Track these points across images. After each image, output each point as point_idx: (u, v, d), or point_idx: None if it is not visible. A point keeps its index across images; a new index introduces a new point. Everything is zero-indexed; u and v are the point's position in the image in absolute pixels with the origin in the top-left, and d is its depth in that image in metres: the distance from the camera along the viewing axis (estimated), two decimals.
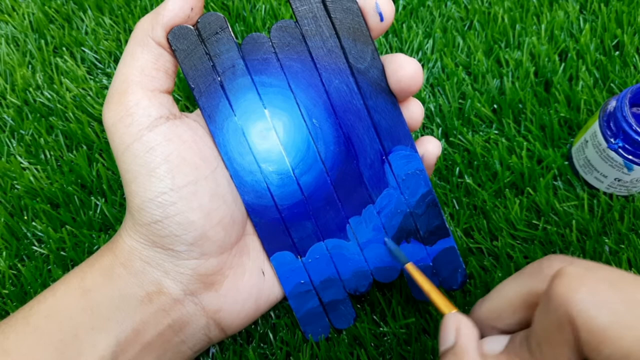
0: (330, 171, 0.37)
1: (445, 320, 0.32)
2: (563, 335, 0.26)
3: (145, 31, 0.34)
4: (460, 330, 0.31)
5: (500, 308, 0.32)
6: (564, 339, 0.26)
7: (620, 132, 0.41)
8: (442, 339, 0.32)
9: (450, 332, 0.32)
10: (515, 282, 0.32)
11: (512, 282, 0.32)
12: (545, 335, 0.27)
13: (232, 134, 0.36)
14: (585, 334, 0.25)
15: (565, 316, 0.26)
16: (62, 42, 0.55)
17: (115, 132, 0.34)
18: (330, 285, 0.39)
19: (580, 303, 0.26)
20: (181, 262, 0.35)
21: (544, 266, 0.31)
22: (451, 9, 0.55)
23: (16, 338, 0.33)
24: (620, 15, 0.53)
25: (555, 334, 0.27)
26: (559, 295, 0.26)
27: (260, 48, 0.35)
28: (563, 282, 0.27)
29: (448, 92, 0.50)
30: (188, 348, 0.37)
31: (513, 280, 0.32)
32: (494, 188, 0.46)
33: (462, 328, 0.31)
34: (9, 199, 0.47)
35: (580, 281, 0.26)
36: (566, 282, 0.26)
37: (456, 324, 0.32)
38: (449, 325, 0.32)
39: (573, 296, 0.26)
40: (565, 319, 0.26)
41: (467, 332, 0.31)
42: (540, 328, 0.28)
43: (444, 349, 0.32)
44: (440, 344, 0.32)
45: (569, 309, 0.26)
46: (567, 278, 0.27)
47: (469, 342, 0.31)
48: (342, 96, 0.36)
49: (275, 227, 0.38)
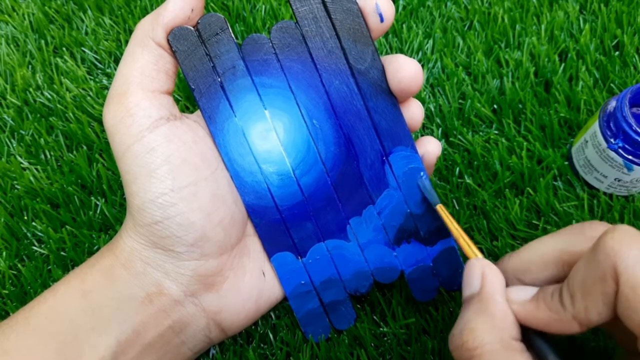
0: (331, 172, 0.37)
1: (469, 265, 0.32)
2: (603, 287, 0.26)
3: (146, 32, 0.34)
4: (486, 275, 0.31)
5: (531, 261, 0.32)
6: (603, 291, 0.26)
7: (620, 132, 0.41)
8: (467, 284, 0.31)
9: (476, 278, 0.31)
10: (552, 239, 0.32)
11: (549, 238, 0.32)
12: (583, 285, 0.27)
13: (233, 135, 0.36)
14: (628, 289, 0.25)
15: (611, 268, 0.26)
16: (62, 42, 0.55)
17: (115, 133, 0.34)
18: (330, 286, 0.39)
19: (630, 258, 0.26)
20: (181, 263, 0.35)
21: (586, 227, 0.31)
22: (451, 9, 0.55)
23: (16, 339, 0.33)
24: (620, 16, 0.53)
25: (595, 285, 0.27)
26: (609, 247, 0.26)
27: (260, 49, 0.35)
28: (615, 235, 0.27)
29: (448, 92, 0.50)
30: (188, 349, 0.37)
31: (550, 237, 0.32)
32: (494, 188, 0.46)
33: (488, 274, 0.31)
34: (9, 199, 0.47)
35: (633, 238, 0.26)
36: (619, 236, 0.26)
37: (482, 269, 0.31)
38: (474, 270, 0.31)
39: (624, 250, 0.26)
40: (610, 271, 0.26)
41: (493, 278, 0.31)
42: (579, 278, 0.28)
43: (469, 294, 0.31)
44: (464, 289, 0.31)
45: (617, 262, 0.26)
46: (621, 233, 0.27)
47: (496, 288, 0.30)
48: (343, 97, 0.36)
49: (275, 228, 0.38)
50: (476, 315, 0.30)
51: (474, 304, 0.30)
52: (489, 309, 0.30)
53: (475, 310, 0.30)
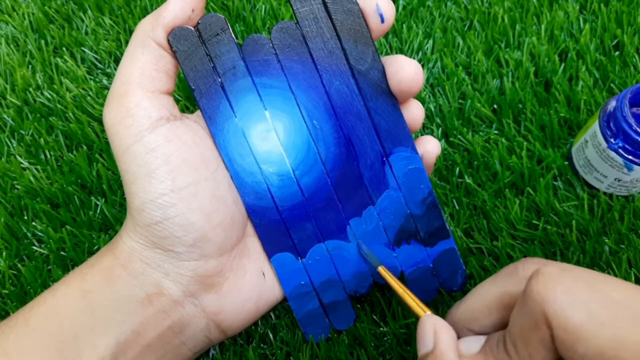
0: (331, 172, 0.37)
1: (422, 324, 0.32)
2: (539, 334, 0.27)
3: (146, 32, 0.34)
4: (438, 333, 0.31)
5: (476, 309, 0.32)
6: (540, 337, 0.27)
7: (620, 132, 0.41)
8: (421, 343, 0.32)
9: (429, 336, 0.31)
10: (491, 284, 0.32)
11: (488, 284, 0.32)
12: (521, 334, 0.28)
13: (233, 135, 0.36)
14: (561, 332, 0.26)
15: (541, 315, 0.26)
16: (62, 42, 0.55)
17: (115, 133, 0.34)
18: (330, 287, 0.39)
19: (556, 302, 0.26)
20: (181, 263, 0.35)
21: (519, 268, 0.31)
22: (451, 9, 0.55)
23: (16, 339, 0.33)
24: (620, 16, 0.53)
25: (531, 333, 0.27)
26: (535, 294, 0.27)
27: (260, 49, 0.35)
28: (539, 281, 0.27)
29: (448, 92, 0.50)
30: (188, 349, 0.37)
31: (489, 282, 0.33)
32: (494, 188, 0.46)
33: (439, 331, 0.31)
34: (9, 199, 0.47)
35: (556, 280, 0.27)
36: (542, 281, 0.27)
37: (434, 327, 0.32)
38: (426, 328, 0.32)
39: (549, 295, 0.26)
40: (541, 317, 0.26)
41: (445, 335, 0.31)
42: (517, 327, 0.28)
43: (423, 353, 0.31)
44: (419, 349, 0.32)
45: (545, 308, 0.26)
46: (543, 277, 0.27)
47: (448, 345, 0.31)
48: (343, 97, 0.36)
49: (275, 229, 0.38)
50: None
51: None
52: None
53: None
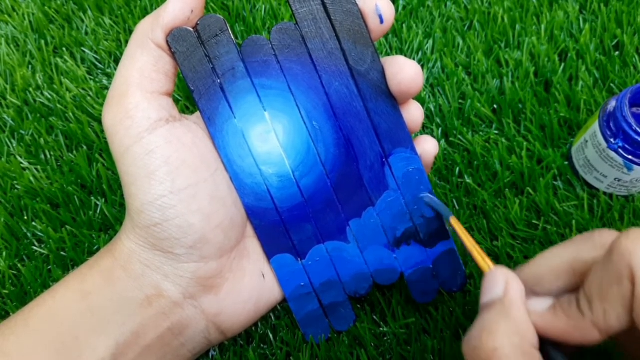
0: (330, 174, 0.37)
1: (493, 272, 0.31)
2: (620, 289, 0.26)
3: (145, 33, 0.34)
4: (510, 282, 0.30)
5: (544, 272, 0.31)
6: (620, 293, 0.26)
7: (620, 132, 0.41)
8: (488, 290, 0.31)
9: (499, 284, 0.30)
10: (562, 249, 0.31)
11: (560, 248, 0.32)
12: (599, 289, 0.27)
13: (232, 137, 0.36)
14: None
15: (627, 269, 0.26)
16: (62, 42, 0.55)
17: (114, 135, 0.33)
18: (330, 288, 0.39)
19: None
20: (181, 265, 0.35)
21: (596, 236, 0.30)
22: (451, 9, 0.55)
23: (16, 340, 0.33)
24: (620, 15, 0.53)
25: (612, 288, 0.26)
26: (624, 247, 0.26)
27: (260, 50, 0.35)
28: (630, 237, 0.26)
29: (448, 92, 0.50)
30: (188, 351, 0.37)
31: (561, 247, 0.32)
32: (494, 188, 0.46)
33: (511, 282, 0.30)
34: (9, 199, 0.47)
35: None
36: (632, 237, 0.26)
37: (506, 277, 0.31)
38: (498, 277, 0.31)
39: (638, 250, 0.26)
40: (626, 271, 0.26)
41: (516, 287, 0.30)
42: (595, 283, 0.27)
43: (489, 299, 0.30)
44: (484, 295, 0.31)
45: (633, 262, 0.26)
46: (635, 234, 0.27)
47: (519, 295, 0.30)
48: (342, 98, 0.36)
49: (275, 230, 0.38)
50: (498, 319, 0.29)
51: (495, 308, 0.30)
52: (512, 315, 0.29)
53: (497, 315, 0.29)
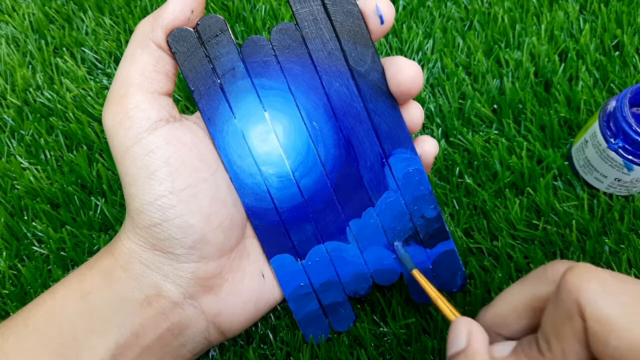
0: (330, 174, 0.37)
1: (456, 324, 0.32)
2: (572, 326, 0.26)
3: (146, 33, 0.34)
4: (472, 333, 0.31)
5: (505, 314, 0.32)
6: (573, 330, 0.26)
7: (620, 132, 0.41)
8: (452, 342, 0.32)
9: (462, 335, 0.31)
10: (519, 287, 0.32)
11: (517, 287, 0.32)
12: (554, 328, 0.28)
13: (232, 137, 0.36)
14: (594, 323, 0.26)
15: (575, 306, 0.26)
16: (63, 42, 0.55)
17: (114, 135, 0.33)
18: (330, 288, 0.39)
19: (591, 292, 0.26)
20: (180, 265, 0.34)
21: (548, 270, 0.31)
22: (451, 9, 0.55)
23: (15, 340, 0.33)
24: (620, 16, 0.53)
25: (565, 326, 0.27)
26: (570, 284, 0.27)
27: (260, 50, 0.35)
28: (574, 273, 0.27)
29: (448, 92, 0.50)
30: (187, 351, 0.37)
31: (517, 285, 0.32)
32: (494, 188, 0.46)
33: (474, 331, 0.31)
34: (9, 199, 0.47)
35: (592, 273, 0.27)
36: (577, 273, 0.27)
37: (468, 327, 0.31)
38: (460, 328, 0.32)
39: (584, 286, 0.26)
40: (575, 308, 0.26)
41: (479, 335, 0.31)
42: (549, 322, 0.28)
43: (454, 351, 0.31)
44: (450, 347, 0.32)
45: (579, 298, 0.26)
46: (579, 270, 0.27)
47: (481, 345, 0.31)
48: (343, 99, 0.36)
49: (275, 230, 0.38)
50: None
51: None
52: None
53: None
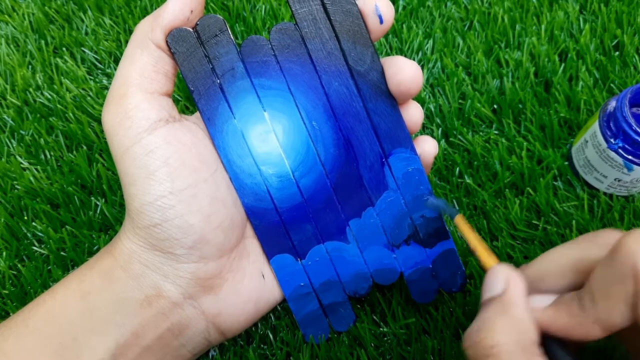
0: (330, 174, 0.37)
1: (494, 269, 0.31)
2: (623, 288, 0.26)
3: (145, 33, 0.34)
4: (510, 280, 0.31)
5: (549, 270, 0.32)
6: (623, 292, 0.26)
7: (620, 133, 0.41)
8: (489, 287, 0.31)
9: (500, 281, 0.31)
10: (568, 247, 0.32)
11: (565, 247, 0.32)
12: (603, 287, 0.27)
13: (232, 137, 0.36)
14: None
15: (630, 268, 0.26)
16: (62, 42, 0.55)
17: (114, 135, 0.33)
18: (330, 288, 0.39)
19: None
20: (180, 265, 0.34)
21: (600, 235, 0.31)
22: (451, 9, 0.55)
23: (15, 340, 0.33)
24: (620, 16, 0.53)
25: (615, 286, 0.27)
26: (629, 247, 0.26)
27: (259, 50, 0.35)
28: (635, 237, 0.27)
29: (448, 92, 0.50)
30: (187, 351, 0.37)
31: (565, 246, 0.32)
32: (494, 188, 0.46)
33: (512, 279, 0.31)
34: (9, 199, 0.47)
35: None
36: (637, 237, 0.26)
37: (507, 274, 0.31)
38: (499, 274, 0.31)
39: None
40: (630, 271, 0.26)
41: (517, 284, 0.30)
42: (599, 280, 0.28)
43: (490, 296, 0.31)
44: (484, 292, 0.31)
45: (637, 262, 0.26)
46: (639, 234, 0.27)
47: (519, 292, 0.30)
48: (342, 99, 0.36)
49: (274, 230, 0.38)
50: (497, 315, 0.29)
51: (495, 305, 0.30)
52: (511, 311, 0.29)
53: (496, 311, 0.30)
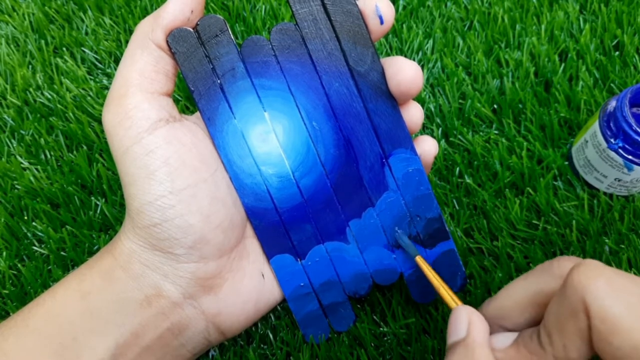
0: (330, 174, 0.37)
1: (456, 312, 0.32)
2: (576, 323, 0.26)
3: (145, 33, 0.34)
4: (472, 323, 0.31)
5: (508, 307, 0.32)
6: (577, 327, 0.27)
7: (620, 132, 0.41)
8: (452, 331, 0.31)
9: (462, 324, 0.31)
10: (524, 281, 0.32)
11: (521, 281, 0.32)
12: (557, 323, 0.28)
13: (232, 137, 0.36)
14: (598, 322, 0.26)
15: (581, 303, 0.26)
16: (62, 42, 0.55)
17: (114, 135, 0.33)
18: (329, 288, 0.39)
19: (598, 290, 0.26)
20: (180, 265, 0.34)
21: (554, 266, 0.31)
22: (451, 9, 0.55)
23: (15, 340, 0.33)
24: (620, 15, 0.53)
25: (568, 322, 0.27)
26: (577, 282, 0.27)
27: (260, 51, 0.35)
28: (581, 270, 0.27)
29: (448, 92, 0.50)
30: (187, 351, 0.37)
31: (522, 279, 0.32)
32: (494, 188, 0.46)
33: (474, 321, 0.31)
34: (9, 199, 0.47)
35: (600, 271, 0.27)
36: (585, 270, 0.27)
37: (468, 316, 0.31)
38: (461, 317, 0.31)
39: (591, 283, 0.26)
40: (580, 305, 0.26)
41: (479, 326, 0.31)
42: (553, 317, 0.28)
43: (454, 340, 0.31)
44: (450, 336, 0.32)
45: (586, 296, 0.26)
46: (586, 267, 0.27)
47: (481, 335, 0.31)
48: (342, 99, 0.36)
49: (274, 230, 0.38)
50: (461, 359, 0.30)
51: (459, 350, 0.30)
52: (475, 356, 0.30)
53: (460, 356, 0.30)
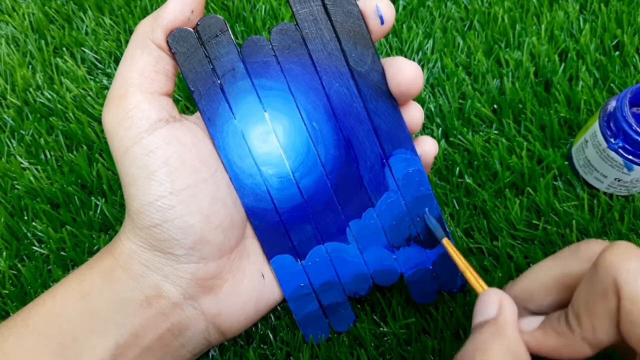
0: (330, 174, 0.37)
1: (487, 293, 0.32)
2: (606, 304, 0.26)
3: (145, 33, 0.34)
4: (503, 304, 0.31)
5: (533, 289, 0.32)
6: (606, 308, 0.26)
7: (620, 132, 0.41)
8: (481, 311, 0.31)
9: (493, 305, 0.31)
10: (550, 263, 0.32)
11: (548, 263, 0.32)
12: (586, 305, 0.27)
13: (232, 137, 0.36)
14: (629, 303, 0.26)
15: (612, 284, 0.26)
16: (62, 42, 0.55)
17: (114, 135, 0.33)
18: (330, 289, 0.39)
19: (629, 271, 0.26)
20: (180, 266, 0.34)
21: (582, 249, 0.31)
22: (451, 9, 0.55)
23: (15, 340, 0.33)
24: (620, 15, 0.53)
25: (598, 303, 0.27)
26: (609, 262, 0.26)
27: (260, 51, 0.35)
28: (614, 251, 0.27)
29: (448, 92, 0.50)
30: (187, 351, 0.37)
31: (549, 261, 0.32)
32: (494, 188, 0.46)
33: (505, 302, 0.31)
34: (9, 199, 0.47)
35: (632, 252, 0.26)
36: (617, 251, 0.27)
37: (499, 298, 0.31)
38: (492, 298, 0.31)
39: (623, 264, 0.26)
40: (611, 286, 0.26)
41: (510, 306, 0.31)
42: (582, 299, 0.28)
43: (482, 320, 0.31)
44: (477, 315, 0.31)
45: (617, 276, 0.26)
46: (619, 248, 0.27)
47: (511, 316, 0.30)
48: (343, 99, 0.36)
49: (275, 230, 0.38)
50: (492, 338, 0.30)
51: (489, 328, 0.30)
52: (506, 334, 0.30)
53: (490, 334, 0.30)
